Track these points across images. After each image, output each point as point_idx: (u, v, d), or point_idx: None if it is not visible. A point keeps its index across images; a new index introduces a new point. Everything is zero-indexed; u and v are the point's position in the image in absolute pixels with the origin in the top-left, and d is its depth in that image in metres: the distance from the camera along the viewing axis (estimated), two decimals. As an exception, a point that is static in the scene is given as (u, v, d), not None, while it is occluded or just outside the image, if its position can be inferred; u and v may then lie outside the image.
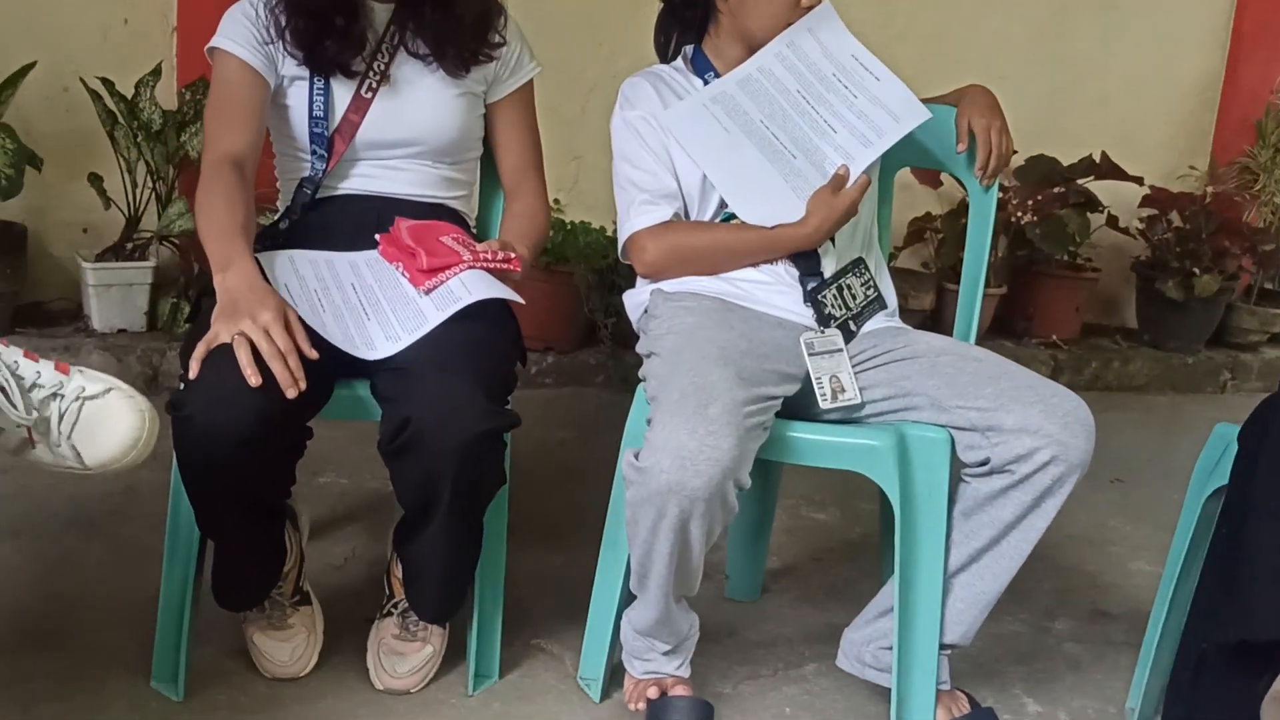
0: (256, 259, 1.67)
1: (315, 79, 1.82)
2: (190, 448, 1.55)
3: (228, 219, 1.68)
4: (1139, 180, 3.99)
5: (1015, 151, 1.99)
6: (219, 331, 1.55)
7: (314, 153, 1.85)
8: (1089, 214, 3.95)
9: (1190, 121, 4.40)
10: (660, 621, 1.72)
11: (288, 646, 1.84)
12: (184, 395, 1.54)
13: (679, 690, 1.78)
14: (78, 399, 1.38)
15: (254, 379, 1.50)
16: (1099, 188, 3.99)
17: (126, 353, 3.11)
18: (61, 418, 1.38)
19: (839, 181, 1.80)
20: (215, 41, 1.80)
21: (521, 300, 1.71)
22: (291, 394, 1.51)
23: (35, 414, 1.36)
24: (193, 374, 1.54)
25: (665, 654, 1.77)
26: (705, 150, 1.83)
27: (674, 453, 1.50)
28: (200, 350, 1.55)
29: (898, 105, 1.85)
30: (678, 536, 1.55)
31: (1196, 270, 3.97)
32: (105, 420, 1.39)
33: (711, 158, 1.83)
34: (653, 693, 1.77)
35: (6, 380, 1.34)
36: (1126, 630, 2.21)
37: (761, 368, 1.66)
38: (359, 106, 1.83)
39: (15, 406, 1.34)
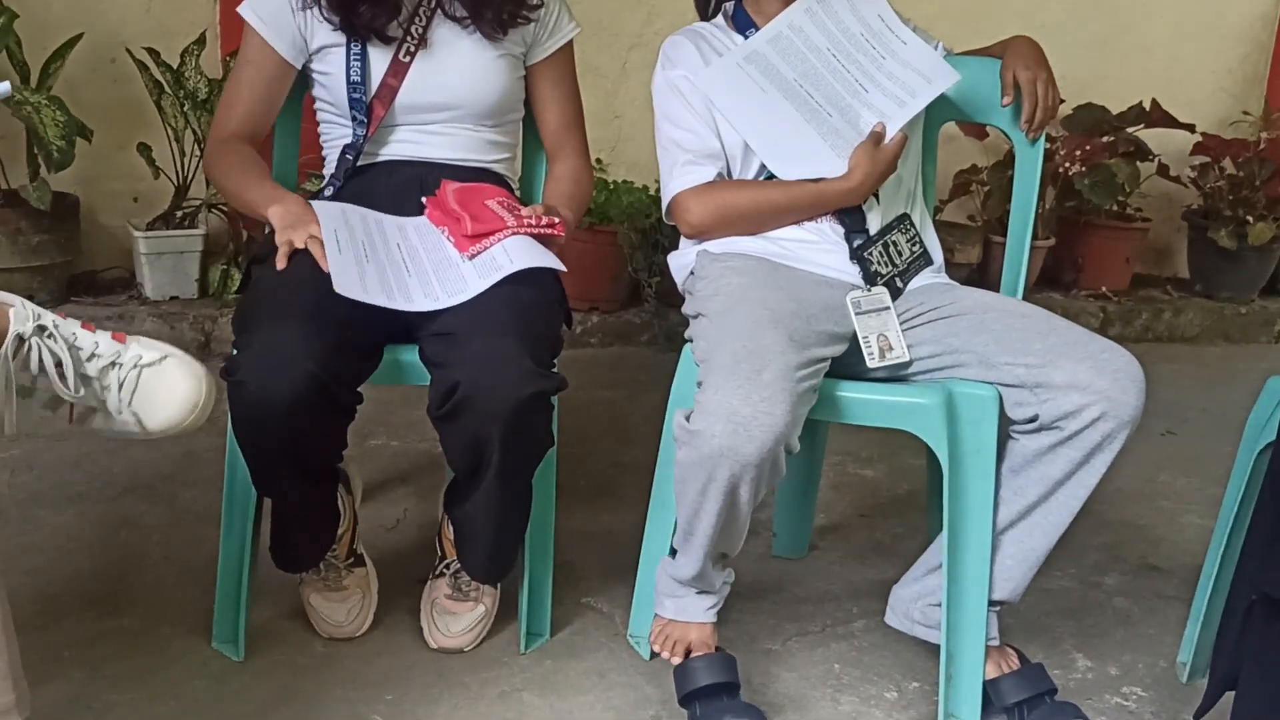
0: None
1: (351, 45, 1.83)
2: (244, 413, 1.58)
3: (256, 171, 1.81)
4: (1190, 127, 3.91)
5: (1063, 101, 1.96)
6: (291, 238, 1.66)
7: (354, 119, 1.86)
8: (1139, 163, 3.89)
9: (1243, 66, 4.30)
10: (698, 577, 1.73)
11: (343, 607, 1.87)
12: (237, 361, 1.57)
13: (701, 649, 1.76)
14: (135, 367, 1.42)
15: (327, 267, 1.59)
16: (1149, 136, 3.92)
17: (179, 319, 3.15)
18: (121, 385, 1.41)
19: (877, 137, 1.79)
20: (242, 9, 1.82)
21: (564, 268, 1.72)
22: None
23: (84, 390, 1.39)
24: (280, 265, 1.65)
25: (698, 594, 1.78)
26: (742, 111, 1.82)
27: (727, 417, 1.50)
28: (285, 249, 1.65)
29: (927, 67, 1.84)
30: (726, 499, 1.56)
31: (1250, 218, 3.91)
32: (163, 386, 1.42)
33: (748, 118, 1.82)
34: (677, 659, 1.75)
35: (63, 354, 1.37)
36: (1177, 585, 2.20)
37: (811, 329, 1.66)
38: (397, 71, 1.84)
39: (67, 384, 1.37)
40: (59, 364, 1.37)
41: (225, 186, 1.85)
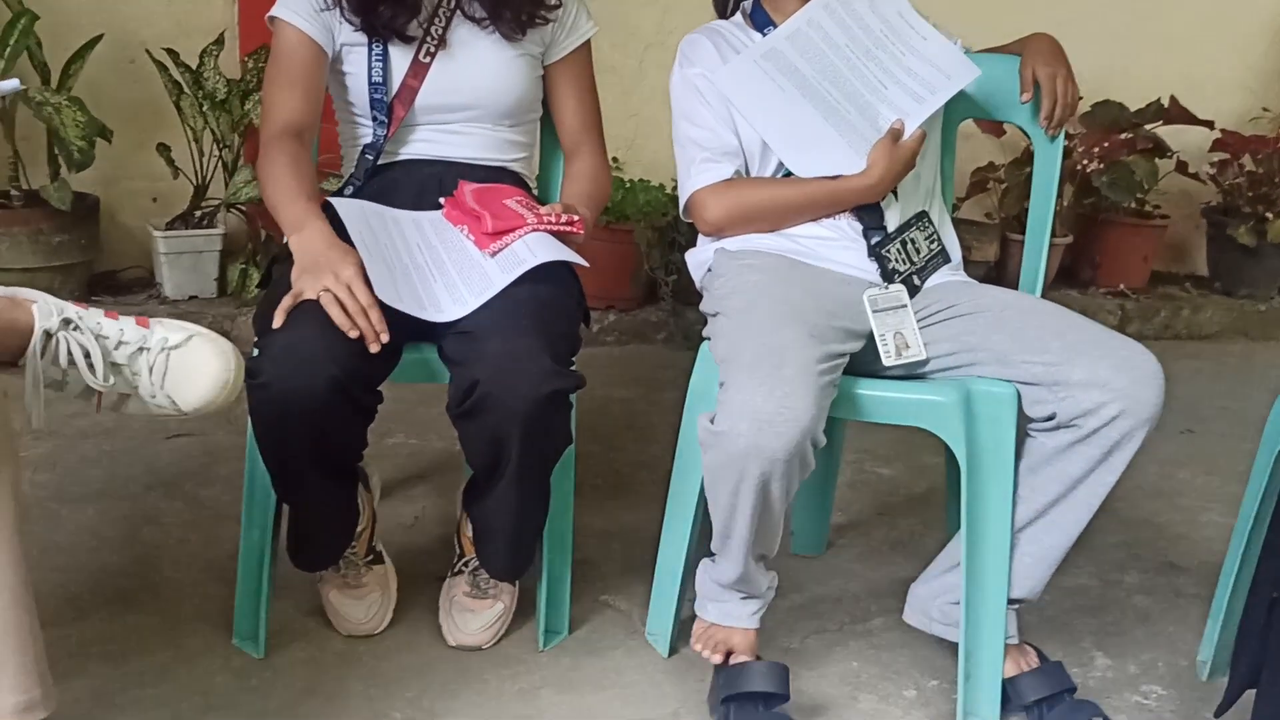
0: (330, 203, 1.73)
1: (373, 45, 1.84)
2: (265, 414, 1.59)
3: (295, 183, 1.73)
4: (1209, 124, 3.89)
5: (1081, 98, 1.96)
6: (304, 288, 1.60)
7: (374, 119, 1.87)
8: (1157, 160, 3.87)
9: (1262, 62, 4.27)
10: (741, 579, 1.72)
11: (362, 605, 1.88)
12: (258, 363, 1.57)
13: (743, 654, 1.75)
14: (163, 350, 1.44)
15: (353, 331, 1.56)
16: (1167, 133, 3.91)
17: (198, 319, 3.11)
18: (151, 369, 1.44)
19: (896, 134, 1.79)
20: (275, 10, 1.83)
21: (585, 263, 1.72)
22: (375, 348, 1.57)
23: (114, 378, 1.42)
24: (277, 324, 1.59)
25: (743, 599, 1.76)
26: (760, 109, 1.82)
27: (751, 416, 1.50)
28: (287, 302, 1.60)
29: (947, 63, 1.83)
30: (759, 497, 1.55)
31: (1269, 215, 3.89)
32: (193, 366, 1.45)
33: (767, 116, 1.82)
34: (717, 658, 1.75)
35: (90, 345, 1.39)
36: (1197, 583, 2.19)
37: (829, 325, 1.66)
38: (417, 72, 1.85)
39: (97, 374, 1.39)
40: (87, 355, 1.39)
41: (264, 191, 1.78)
